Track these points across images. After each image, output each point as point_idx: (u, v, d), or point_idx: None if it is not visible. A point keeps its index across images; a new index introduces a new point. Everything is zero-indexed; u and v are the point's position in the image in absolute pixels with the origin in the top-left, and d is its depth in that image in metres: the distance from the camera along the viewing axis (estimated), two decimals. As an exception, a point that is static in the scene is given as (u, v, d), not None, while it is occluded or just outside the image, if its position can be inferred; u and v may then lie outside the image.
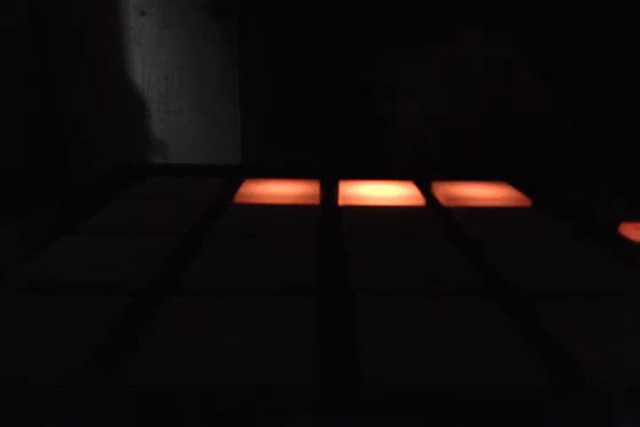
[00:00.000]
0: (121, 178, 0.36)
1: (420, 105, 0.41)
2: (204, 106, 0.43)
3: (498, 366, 0.15)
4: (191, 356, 0.15)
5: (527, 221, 0.27)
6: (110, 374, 0.14)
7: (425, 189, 0.33)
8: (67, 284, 0.19)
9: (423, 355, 0.15)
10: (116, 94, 0.42)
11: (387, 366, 0.15)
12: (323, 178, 0.35)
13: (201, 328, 0.16)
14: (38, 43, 0.40)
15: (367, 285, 0.20)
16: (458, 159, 0.41)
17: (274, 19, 0.41)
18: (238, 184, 0.33)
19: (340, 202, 0.31)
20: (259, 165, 0.42)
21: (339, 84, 0.41)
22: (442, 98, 0.41)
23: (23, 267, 0.20)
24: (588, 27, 0.38)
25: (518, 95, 0.41)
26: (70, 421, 0.13)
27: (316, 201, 0.31)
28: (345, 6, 0.40)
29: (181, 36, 0.41)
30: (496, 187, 0.33)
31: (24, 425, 0.13)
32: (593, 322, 0.17)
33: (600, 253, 0.23)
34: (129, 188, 0.33)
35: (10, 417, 0.13)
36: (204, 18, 0.41)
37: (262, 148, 0.43)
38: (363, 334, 0.16)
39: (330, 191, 0.32)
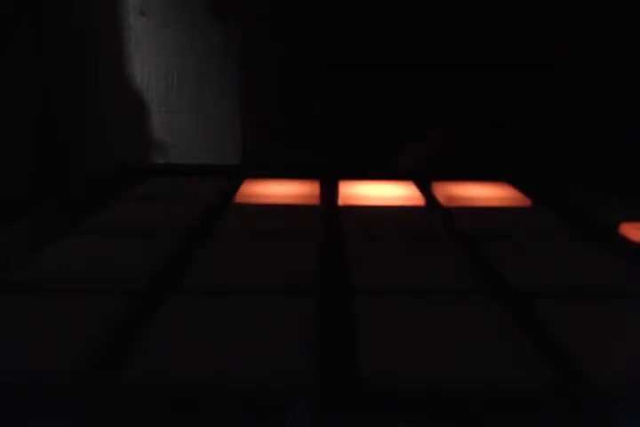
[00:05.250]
0: (121, 178, 0.36)
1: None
2: (204, 106, 0.43)
3: (498, 366, 0.15)
4: (191, 356, 0.15)
5: (527, 221, 0.28)
6: (110, 374, 0.14)
7: (425, 189, 0.33)
8: (67, 284, 0.19)
9: (423, 355, 0.15)
10: (116, 94, 0.42)
11: (387, 366, 0.15)
12: (323, 178, 0.35)
13: (201, 328, 0.16)
14: (38, 43, 0.40)
15: (367, 285, 0.20)
16: (458, 159, 0.41)
17: (274, 18, 0.41)
18: (238, 184, 0.33)
19: (340, 202, 0.31)
20: (259, 165, 0.42)
21: (340, 82, 0.41)
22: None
23: (23, 267, 0.20)
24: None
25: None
26: (70, 421, 0.13)
27: (316, 201, 0.31)
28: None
29: (181, 36, 0.41)
30: (496, 187, 0.33)
31: (24, 426, 0.13)
32: (593, 322, 0.17)
33: (600, 253, 0.23)
34: (129, 188, 0.33)
35: (9, 418, 0.13)
36: (204, 18, 0.41)
37: (262, 148, 0.43)
38: (363, 334, 0.16)
39: (330, 191, 0.32)
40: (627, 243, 0.25)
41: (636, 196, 0.32)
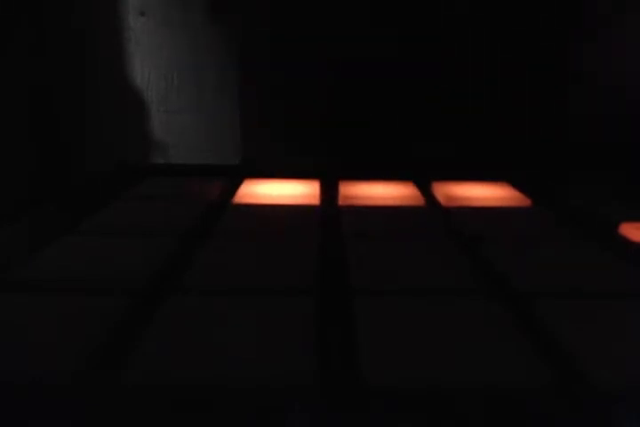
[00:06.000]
0: (121, 178, 0.36)
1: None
2: (204, 106, 0.43)
3: (498, 366, 0.15)
4: (191, 356, 0.15)
5: (527, 221, 0.28)
6: (110, 374, 0.14)
7: (425, 189, 0.33)
8: (67, 284, 0.19)
9: (423, 355, 0.15)
10: (116, 94, 0.42)
11: (387, 367, 0.15)
12: (323, 178, 0.35)
13: (201, 328, 0.16)
14: (38, 43, 0.40)
15: (367, 285, 0.20)
16: (458, 159, 0.41)
17: (274, 18, 0.41)
18: (238, 184, 0.33)
19: (340, 202, 0.31)
20: (259, 165, 0.42)
21: (339, 83, 0.41)
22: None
23: (23, 267, 0.20)
24: None
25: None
26: (70, 421, 0.13)
27: (316, 201, 0.31)
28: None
29: (181, 36, 0.41)
30: (496, 187, 0.33)
31: (24, 426, 0.13)
32: (593, 322, 0.17)
33: (600, 253, 0.23)
34: (129, 188, 0.33)
35: (9, 418, 0.13)
36: (204, 18, 0.41)
37: (262, 148, 0.43)
38: (363, 334, 0.16)
39: (330, 191, 0.32)
40: (627, 243, 0.25)
41: (636, 196, 0.32)
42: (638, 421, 0.13)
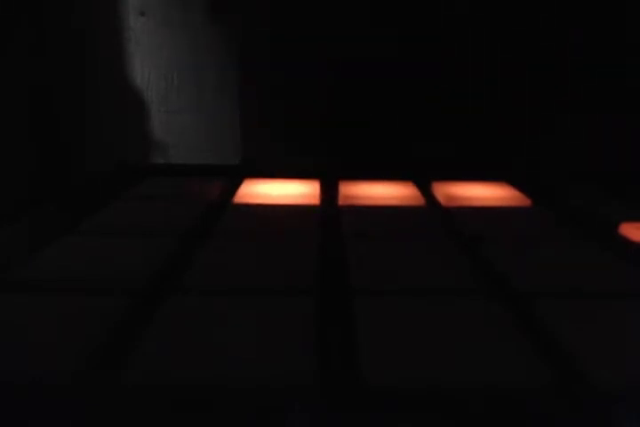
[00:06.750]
0: (121, 178, 0.36)
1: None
2: (204, 106, 0.43)
3: (498, 366, 0.15)
4: (191, 356, 0.15)
5: (527, 221, 0.28)
6: (110, 375, 0.14)
7: (425, 189, 0.33)
8: (67, 284, 0.19)
9: (423, 355, 0.15)
10: (116, 94, 0.42)
11: (387, 366, 0.15)
12: (323, 178, 0.35)
13: (201, 328, 0.16)
14: (38, 43, 0.40)
15: (367, 285, 0.20)
16: (458, 159, 0.41)
17: (274, 18, 0.41)
18: (238, 184, 0.33)
19: (340, 202, 0.31)
20: (259, 165, 0.42)
21: (339, 83, 0.41)
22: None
23: (23, 267, 0.20)
24: None
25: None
26: (70, 421, 0.13)
27: (316, 201, 0.31)
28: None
29: (181, 36, 0.41)
30: (496, 187, 0.33)
31: (24, 426, 0.13)
32: (593, 322, 0.17)
33: (600, 253, 0.23)
34: (129, 188, 0.33)
35: (9, 418, 0.13)
36: (204, 18, 0.41)
37: (262, 148, 0.43)
38: (363, 334, 0.16)
39: (330, 191, 0.32)
40: (627, 243, 0.25)
41: (636, 196, 0.32)
42: (638, 421, 0.13)
